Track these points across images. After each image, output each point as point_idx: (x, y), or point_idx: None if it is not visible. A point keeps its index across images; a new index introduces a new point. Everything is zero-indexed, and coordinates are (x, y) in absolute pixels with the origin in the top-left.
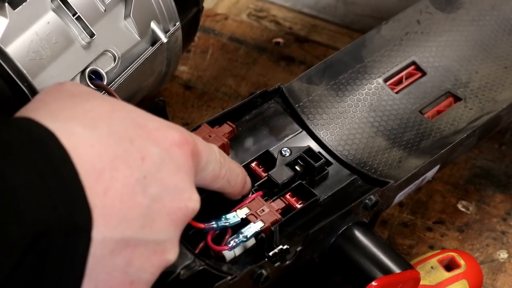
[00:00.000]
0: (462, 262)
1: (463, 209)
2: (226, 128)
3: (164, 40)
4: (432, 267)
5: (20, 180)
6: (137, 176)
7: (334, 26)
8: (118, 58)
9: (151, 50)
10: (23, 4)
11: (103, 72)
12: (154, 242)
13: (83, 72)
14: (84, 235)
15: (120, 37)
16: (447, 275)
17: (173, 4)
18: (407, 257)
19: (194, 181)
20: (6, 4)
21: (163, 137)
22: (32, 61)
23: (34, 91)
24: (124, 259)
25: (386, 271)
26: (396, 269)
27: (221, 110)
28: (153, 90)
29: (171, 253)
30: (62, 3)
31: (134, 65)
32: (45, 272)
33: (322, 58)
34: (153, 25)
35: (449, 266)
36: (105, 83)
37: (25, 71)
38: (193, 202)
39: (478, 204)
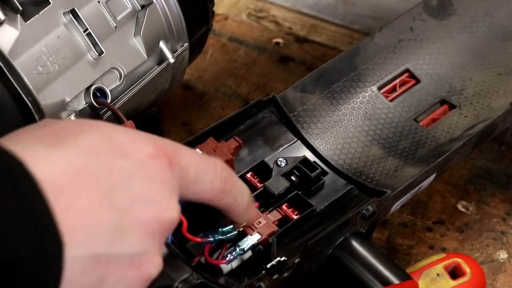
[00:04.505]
0: (467, 269)
1: (463, 209)
2: (233, 143)
3: (172, 60)
4: (438, 274)
5: None
6: (103, 190)
7: (334, 26)
8: (124, 76)
9: (157, 70)
10: (35, 16)
11: (107, 91)
12: (128, 255)
13: (88, 88)
14: (54, 263)
15: (128, 55)
16: (452, 283)
17: (184, 24)
18: (408, 257)
19: (182, 193)
20: (19, 16)
21: (135, 149)
22: (39, 76)
23: (38, 106)
24: (97, 276)
25: (385, 282)
26: (395, 280)
27: (221, 110)
28: (153, 104)
29: (150, 266)
30: (74, 18)
31: (139, 83)
32: None
33: (322, 58)
34: (162, 44)
35: (455, 272)
36: (109, 101)
37: (31, 86)
38: (170, 212)
39: (478, 204)
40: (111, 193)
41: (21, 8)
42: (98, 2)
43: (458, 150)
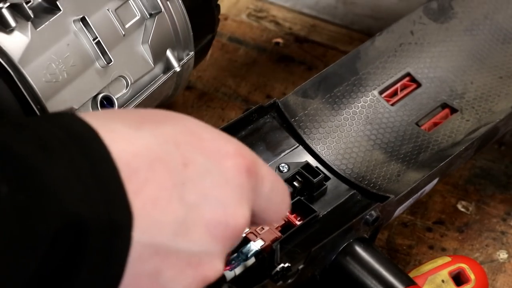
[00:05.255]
0: (472, 276)
1: (462, 209)
2: None
3: (178, 69)
4: (443, 281)
5: (55, 176)
6: (175, 182)
7: (334, 26)
8: (131, 85)
9: (163, 78)
10: (46, 23)
11: (114, 99)
12: (188, 252)
13: (95, 97)
14: (123, 234)
15: (135, 63)
16: None
17: (191, 33)
18: (408, 257)
19: (254, 207)
20: (30, 23)
21: (215, 148)
22: (48, 84)
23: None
24: (154, 267)
25: None
26: (400, 286)
27: (220, 110)
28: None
29: (208, 268)
30: (84, 26)
31: (144, 91)
32: (79, 268)
33: (322, 58)
34: (169, 53)
35: (459, 278)
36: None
37: (40, 94)
38: (237, 218)
39: (477, 204)
40: (183, 186)
41: (32, 16)
42: (108, 10)
43: (461, 154)
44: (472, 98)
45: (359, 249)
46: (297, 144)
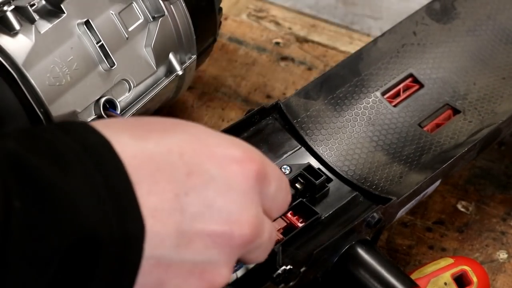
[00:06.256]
0: (474, 279)
1: (462, 209)
2: None
3: (180, 72)
4: (445, 283)
5: (69, 190)
6: (177, 192)
7: (334, 26)
8: (133, 88)
9: (165, 81)
10: (50, 27)
11: (117, 103)
12: (191, 262)
13: (98, 100)
14: (135, 246)
15: (138, 67)
16: None
17: (194, 37)
18: (407, 257)
19: (259, 204)
20: (34, 26)
21: (222, 153)
22: (51, 87)
23: (49, 117)
24: (157, 279)
25: None
26: None
27: (220, 110)
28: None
29: (213, 275)
30: (88, 29)
31: (146, 95)
32: (92, 280)
33: (322, 58)
34: (171, 56)
35: (461, 280)
36: (118, 112)
37: (43, 97)
38: (242, 227)
39: (477, 204)
40: (185, 197)
41: (36, 19)
42: (112, 13)
43: (463, 156)
44: (475, 99)
45: (361, 252)
46: (299, 146)
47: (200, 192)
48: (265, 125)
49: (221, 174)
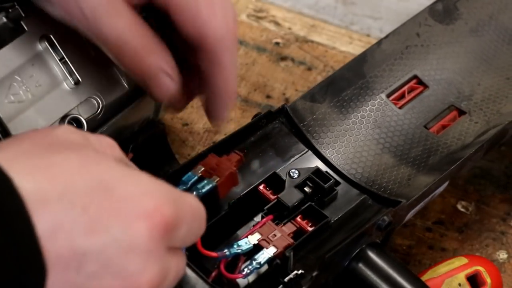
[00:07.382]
0: (488, 279)
1: (462, 210)
2: (234, 157)
3: None
4: (459, 284)
5: None
6: (75, 250)
7: (334, 26)
8: (103, 107)
9: (139, 100)
10: (10, 44)
11: (84, 121)
12: None
13: (63, 118)
14: None
15: (106, 84)
16: None
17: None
18: (407, 257)
19: (165, 255)
20: None
21: (129, 208)
22: (11, 104)
23: (8, 135)
24: None
25: None
26: None
27: None
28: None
29: None
30: (50, 46)
31: (119, 115)
32: None
33: (322, 58)
34: None
35: (475, 280)
36: (84, 130)
37: (1, 114)
38: (143, 284)
39: (477, 204)
40: (83, 256)
41: None
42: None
43: (471, 157)
44: (480, 99)
45: (372, 255)
46: (306, 149)
47: (100, 252)
48: (272, 129)
49: (124, 234)
